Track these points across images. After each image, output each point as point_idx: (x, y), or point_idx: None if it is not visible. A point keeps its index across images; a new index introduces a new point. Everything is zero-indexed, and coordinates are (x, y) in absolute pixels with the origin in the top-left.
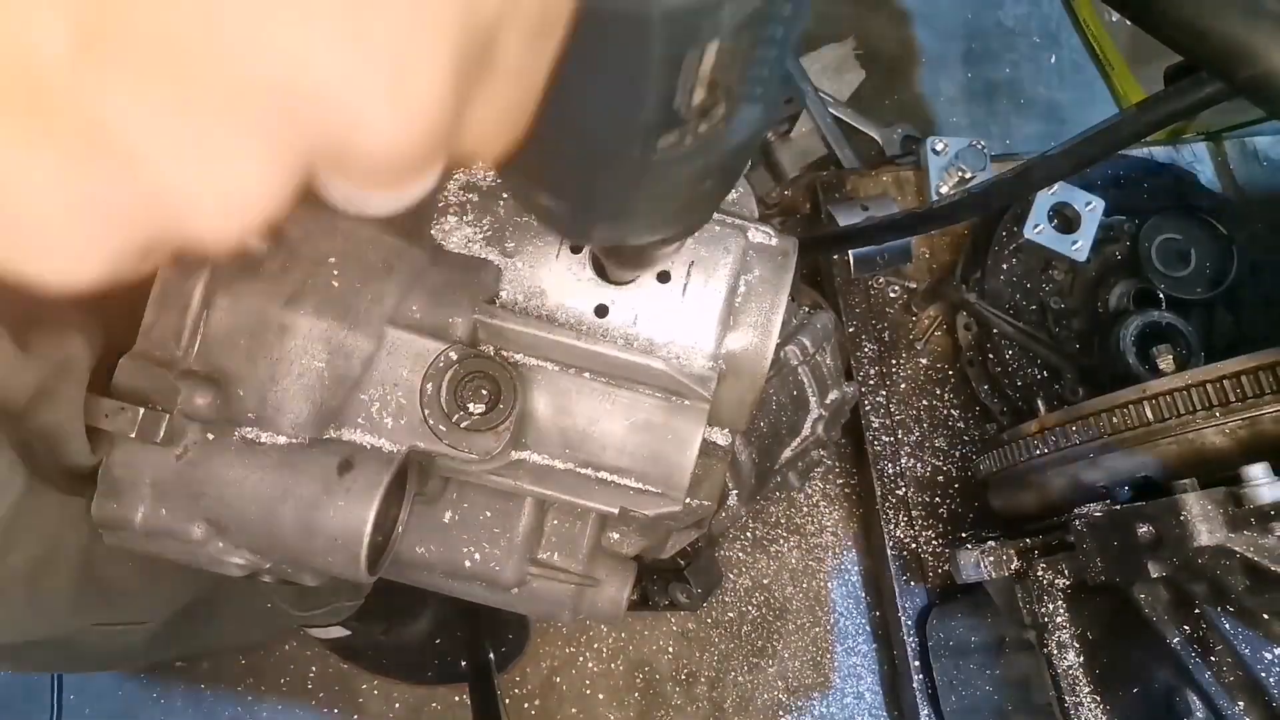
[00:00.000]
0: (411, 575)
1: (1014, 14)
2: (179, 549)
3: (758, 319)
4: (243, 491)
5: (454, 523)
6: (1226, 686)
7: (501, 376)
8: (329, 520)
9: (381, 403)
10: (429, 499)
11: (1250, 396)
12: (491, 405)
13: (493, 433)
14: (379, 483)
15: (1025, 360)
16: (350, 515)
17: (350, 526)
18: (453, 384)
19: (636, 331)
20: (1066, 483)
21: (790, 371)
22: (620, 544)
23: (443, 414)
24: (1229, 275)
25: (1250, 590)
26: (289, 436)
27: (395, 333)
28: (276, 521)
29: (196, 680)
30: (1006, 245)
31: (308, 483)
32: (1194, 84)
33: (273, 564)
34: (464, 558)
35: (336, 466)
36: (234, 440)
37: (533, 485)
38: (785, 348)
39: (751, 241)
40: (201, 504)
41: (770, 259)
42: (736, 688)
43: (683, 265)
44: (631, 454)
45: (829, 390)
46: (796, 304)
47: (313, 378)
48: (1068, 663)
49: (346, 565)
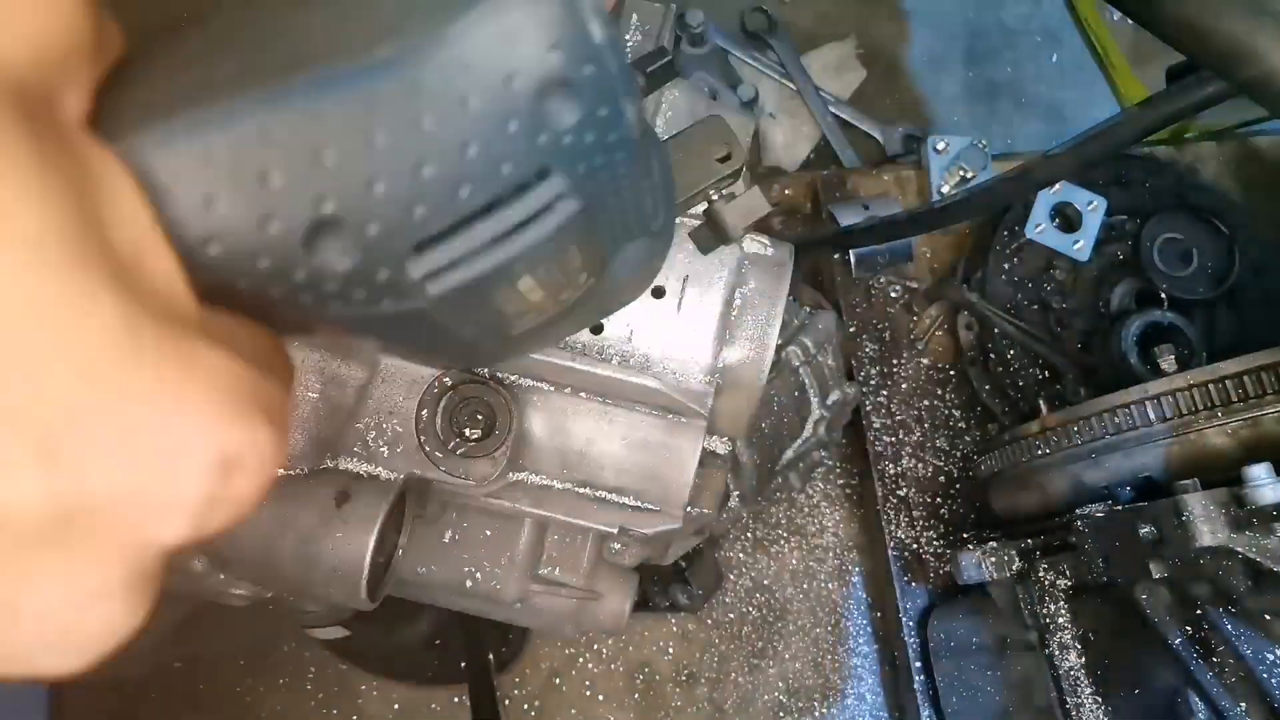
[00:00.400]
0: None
1: (1015, 13)
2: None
3: (754, 332)
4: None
5: (454, 543)
6: (1228, 687)
7: (496, 401)
8: (328, 552)
9: (377, 431)
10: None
11: (1252, 396)
12: (487, 430)
13: (489, 459)
14: (376, 513)
15: (1026, 360)
16: (349, 546)
17: (349, 557)
18: (448, 410)
19: (632, 348)
20: (1068, 483)
21: (792, 372)
22: (621, 555)
23: (439, 441)
24: (1231, 275)
25: (1252, 591)
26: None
27: (388, 360)
28: (276, 554)
29: (196, 680)
30: (1008, 245)
31: (306, 515)
32: (1196, 83)
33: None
34: (465, 577)
35: (334, 498)
36: None
37: (531, 507)
38: (787, 348)
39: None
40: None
41: (766, 270)
42: (737, 689)
43: (677, 280)
44: (629, 473)
45: (830, 391)
46: (798, 304)
47: (308, 409)
48: (1069, 663)
49: (347, 594)
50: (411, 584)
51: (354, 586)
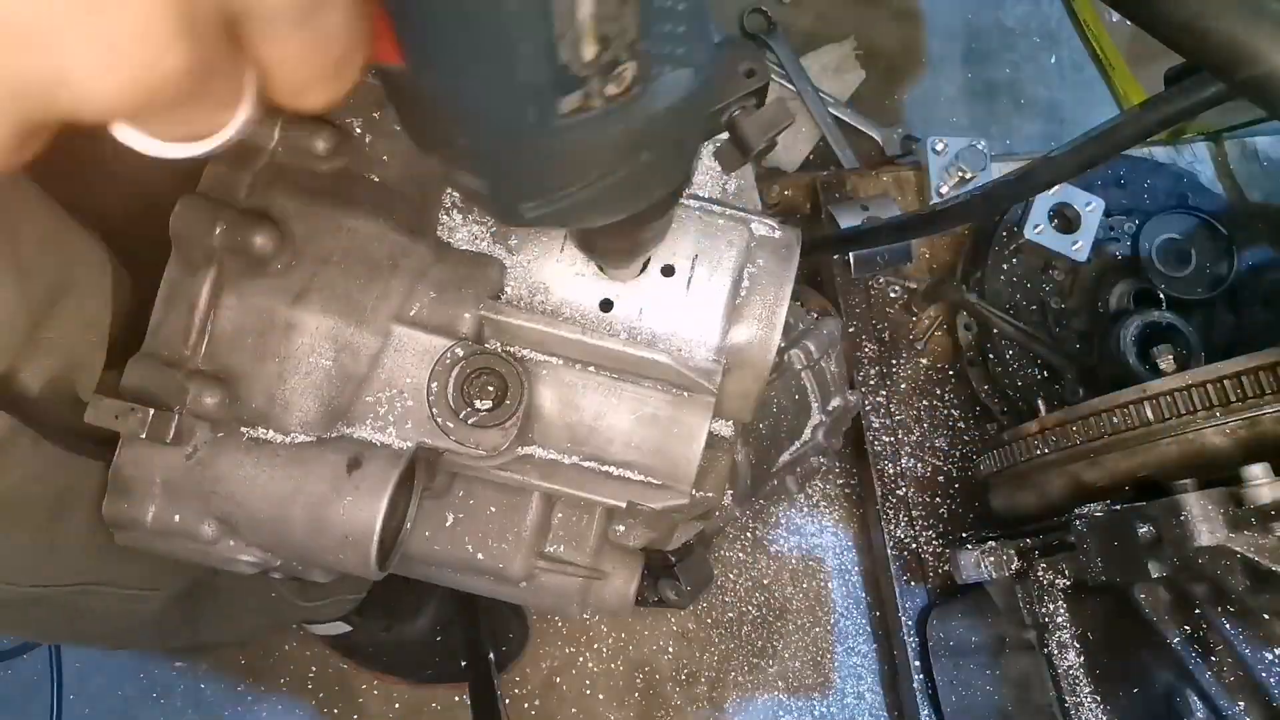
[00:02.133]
0: (419, 570)
1: (1014, 14)
2: (191, 548)
3: (762, 311)
4: (253, 490)
5: (461, 518)
6: (1227, 687)
7: (508, 372)
8: (339, 517)
9: (389, 400)
10: (436, 494)
11: (1250, 396)
12: (498, 401)
13: (500, 429)
14: (388, 480)
15: (1025, 360)
16: (360, 512)
17: (360, 523)
18: (459, 380)
19: (641, 325)
20: (1067, 483)
21: (793, 375)
22: (626, 536)
23: (450, 410)
24: (1229, 275)
25: (1250, 590)
26: (298, 434)
27: (401, 330)
28: (287, 519)
29: (196, 680)
30: (1007, 245)
31: (317, 481)
32: (1195, 84)
33: (283, 561)
34: (472, 552)
35: (345, 464)
36: (243, 439)
37: (540, 480)
38: (790, 351)
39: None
40: (212, 503)
41: (774, 251)
42: (737, 688)
43: (686, 259)
44: (638, 447)
45: (832, 397)
46: (804, 309)
47: (320, 376)
48: (1068, 663)
49: (357, 562)
50: (418, 559)
51: (364, 554)
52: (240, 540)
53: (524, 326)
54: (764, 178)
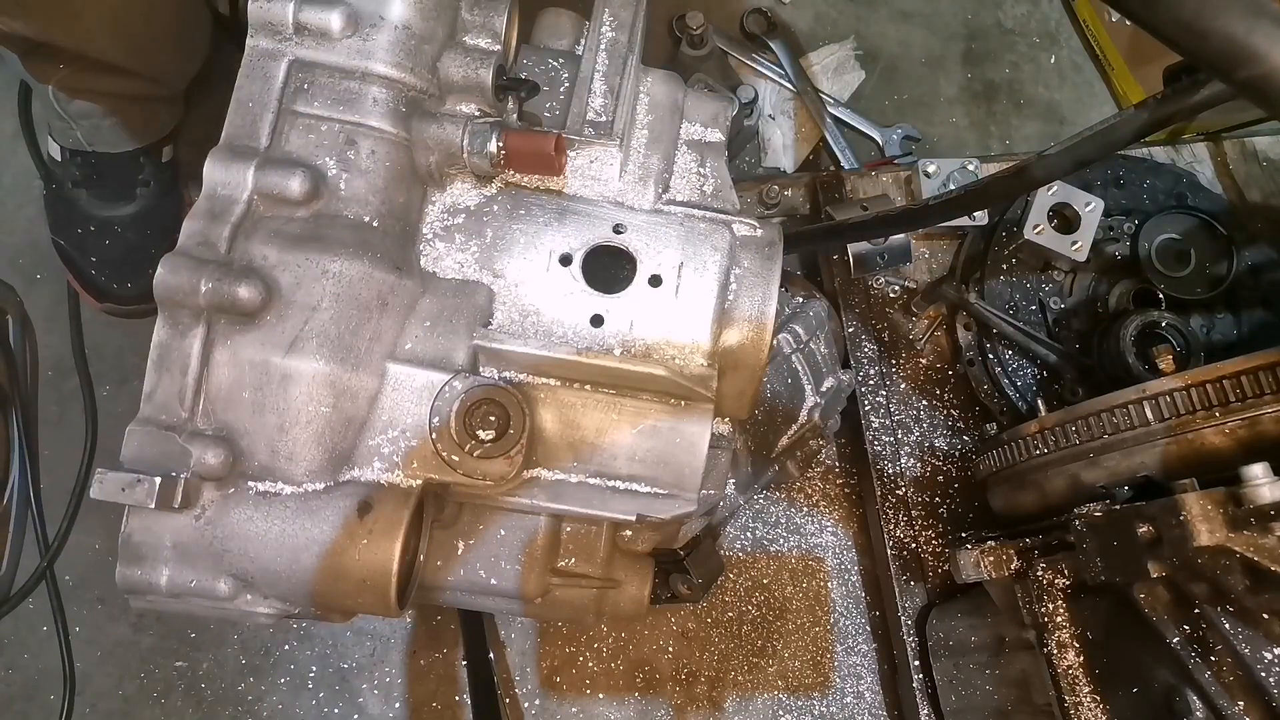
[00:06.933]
0: (436, 597)
1: (1014, 14)
2: (208, 606)
3: (751, 312)
4: (265, 544)
5: (472, 543)
6: (1226, 686)
7: (508, 401)
8: (355, 562)
9: (393, 440)
10: (445, 524)
11: (1250, 396)
12: (501, 431)
13: (505, 458)
14: (400, 521)
15: (1025, 360)
16: (375, 555)
17: (377, 566)
18: (461, 414)
19: (634, 337)
20: (1066, 483)
21: (784, 360)
22: (635, 540)
23: (454, 444)
24: (1228, 275)
25: (1250, 590)
26: (305, 484)
27: (397, 368)
28: (302, 569)
29: (196, 680)
30: (1006, 245)
31: (329, 529)
32: (1194, 84)
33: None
34: (485, 576)
35: (356, 509)
36: (250, 494)
37: (548, 502)
38: (778, 336)
39: (737, 235)
40: (225, 560)
41: (757, 250)
42: (736, 687)
43: (673, 267)
44: (642, 460)
45: (824, 378)
46: (789, 294)
47: (322, 424)
48: (1067, 662)
49: (375, 602)
50: (434, 588)
51: (383, 594)
52: (257, 593)
53: (518, 352)
54: (764, 178)
